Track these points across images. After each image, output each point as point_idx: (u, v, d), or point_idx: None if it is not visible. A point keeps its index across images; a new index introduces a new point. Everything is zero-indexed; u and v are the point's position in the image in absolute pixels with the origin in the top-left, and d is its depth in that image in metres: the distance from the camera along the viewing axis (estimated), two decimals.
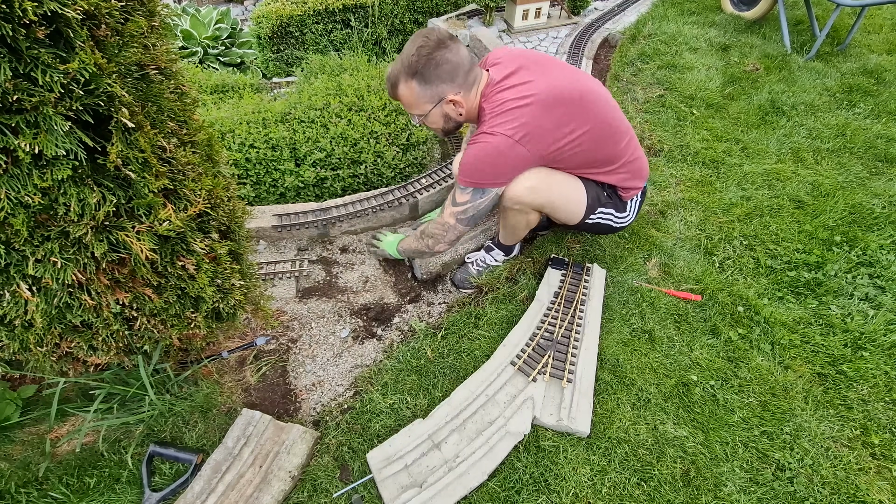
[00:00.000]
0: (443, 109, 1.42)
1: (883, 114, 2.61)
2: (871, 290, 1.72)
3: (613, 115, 1.48)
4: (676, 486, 1.25)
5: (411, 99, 1.40)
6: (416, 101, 1.40)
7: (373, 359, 1.66)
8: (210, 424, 1.40)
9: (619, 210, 1.64)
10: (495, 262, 1.86)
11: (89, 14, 0.80)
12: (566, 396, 1.39)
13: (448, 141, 2.96)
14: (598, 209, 1.59)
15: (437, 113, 1.43)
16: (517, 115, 1.33)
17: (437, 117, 1.45)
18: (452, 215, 1.49)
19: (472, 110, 1.44)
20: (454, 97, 1.38)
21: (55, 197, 0.88)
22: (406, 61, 1.34)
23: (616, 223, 1.67)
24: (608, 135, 1.46)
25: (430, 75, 1.34)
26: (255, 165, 2.10)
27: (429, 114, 1.43)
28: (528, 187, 1.46)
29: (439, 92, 1.37)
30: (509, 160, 1.38)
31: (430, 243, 1.60)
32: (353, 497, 1.25)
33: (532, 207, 1.54)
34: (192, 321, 1.23)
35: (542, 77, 1.37)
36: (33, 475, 1.27)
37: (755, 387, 1.45)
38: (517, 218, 1.61)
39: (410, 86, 1.37)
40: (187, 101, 1.11)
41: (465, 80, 1.37)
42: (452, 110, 1.42)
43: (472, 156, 1.38)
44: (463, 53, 1.36)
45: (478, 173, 1.40)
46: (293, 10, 3.44)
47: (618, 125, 1.49)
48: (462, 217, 1.49)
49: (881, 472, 1.28)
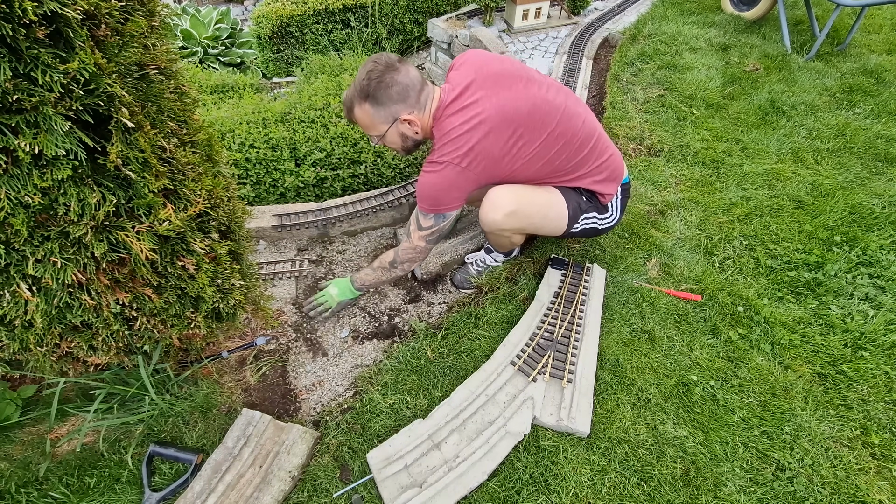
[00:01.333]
0: (398, 129, 1.44)
1: (883, 114, 2.61)
2: (871, 290, 1.72)
3: (570, 122, 1.44)
4: (676, 486, 1.25)
5: (367, 121, 1.43)
6: (372, 123, 1.43)
7: (373, 359, 1.66)
8: (210, 424, 1.40)
9: (601, 212, 1.64)
10: (495, 263, 1.86)
11: (89, 14, 0.80)
12: (566, 396, 1.38)
13: None
14: (580, 217, 1.60)
15: (393, 133, 1.45)
16: (464, 140, 1.35)
17: (394, 137, 1.47)
18: (422, 239, 1.54)
19: (426, 128, 1.46)
20: (408, 116, 1.40)
21: (55, 197, 0.88)
22: (358, 85, 1.38)
23: (602, 224, 1.67)
24: (565, 144, 1.45)
25: (382, 97, 1.37)
26: (255, 165, 2.11)
27: (385, 134, 1.45)
28: (507, 213, 1.48)
29: (392, 112, 1.40)
30: (461, 185, 1.41)
31: (405, 267, 1.64)
32: (353, 497, 1.25)
33: (514, 231, 1.58)
34: (192, 321, 1.23)
35: (492, 95, 1.36)
36: (33, 475, 1.27)
37: (755, 387, 1.45)
38: (500, 240, 1.67)
39: (364, 108, 1.40)
40: (187, 101, 1.12)
41: (416, 99, 1.40)
42: (408, 129, 1.45)
43: (426, 184, 1.42)
44: (413, 74, 1.39)
45: (433, 200, 1.44)
46: (293, 10, 3.44)
47: (577, 131, 1.45)
48: (430, 238, 1.55)
49: (881, 472, 1.28)
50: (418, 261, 1.63)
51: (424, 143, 1.56)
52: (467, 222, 2.08)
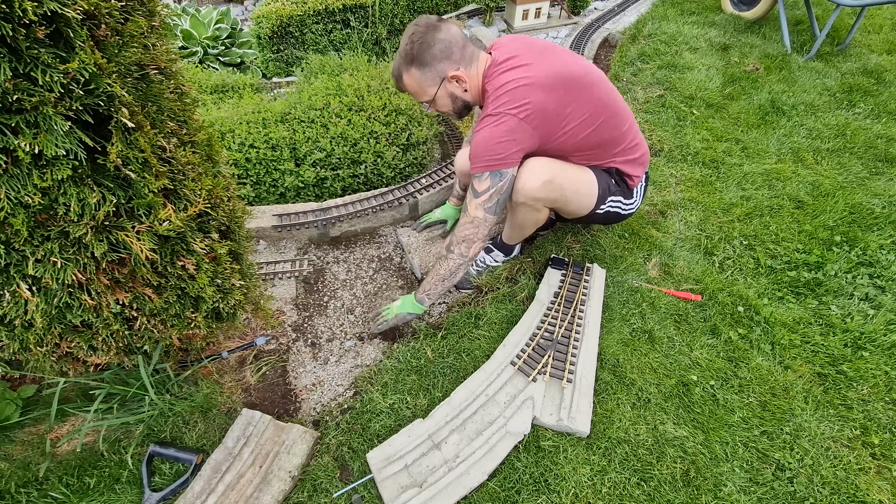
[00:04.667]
0: (447, 89, 1.44)
1: (883, 114, 2.61)
2: (871, 290, 1.72)
3: (613, 97, 1.48)
4: (676, 486, 1.24)
5: (416, 86, 1.44)
6: (421, 87, 1.43)
7: (373, 359, 1.66)
8: (210, 424, 1.40)
9: (627, 197, 1.64)
10: (495, 263, 1.86)
11: (89, 14, 0.80)
12: (566, 396, 1.38)
13: (448, 141, 2.96)
14: (608, 198, 1.59)
15: (443, 94, 1.45)
16: (521, 93, 1.34)
17: (444, 99, 1.47)
18: (479, 207, 1.45)
19: (475, 88, 1.46)
20: (455, 73, 1.40)
21: (55, 197, 0.88)
22: (402, 52, 1.40)
23: (624, 210, 1.67)
24: (609, 116, 1.46)
25: (426, 57, 1.38)
26: (255, 165, 2.11)
27: (435, 97, 1.45)
28: (544, 181, 1.46)
29: (439, 71, 1.40)
30: (518, 138, 1.37)
31: (462, 250, 1.52)
32: (353, 497, 1.25)
33: (546, 203, 1.54)
34: (192, 321, 1.23)
35: (541, 61, 1.39)
36: (33, 475, 1.27)
37: (755, 387, 1.45)
38: (527, 215, 1.60)
39: (412, 73, 1.41)
40: (187, 101, 1.12)
41: (461, 55, 1.40)
42: (457, 87, 1.44)
43: (481, 139, 1.38)
44: (454, 31, 1.40)
45: (490, 154, 1.38)
46: (293, 10, 3.44)
47: (618, 108, 1.49)
48: (489, 205, 1.45)
49: (881, 472, 1.28)
50: (479, 239, 1.50)
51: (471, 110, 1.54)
52: None
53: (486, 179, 1.42)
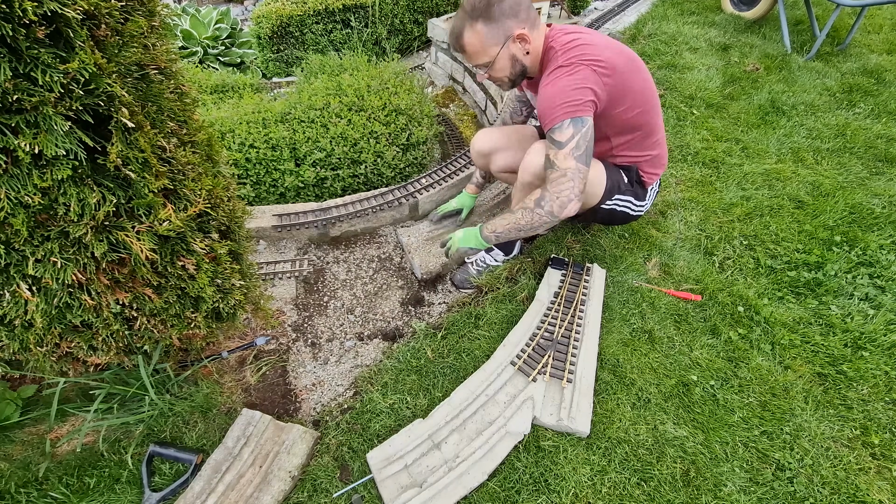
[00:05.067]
0: (510, 50, 1.38)
1: (883, 114, 2.61)
2: (871, 290, 1.72)
3: (654, 89, 1.51)
4: (676, 486, 1.24)
5: (478, 44, 1.37)
6: (483, 46, 1.36)
7: (373, 359, 1.66)
8: (210, 424, 1.40)
9: (639, 198, 1.65)
10: (495, 262, 1.86)
11: (89, 14, 0.80)
12: (566, 396, 1.38)
13: (448, 141, 2.96)
14: (615, 195, 1.58)
15: (504, 56, 1.39)
16: (591, 49, 1.34)
17: (504, 61, 1.40)
18: (568, 156, 1.33)
19: (536, 53, 1.42)
20: (521, 32, 1.34)
21: (55, 197, 0.88)
22: (468, 6, 1.34)
23: (634, 211, 1.67)
24: (654, 104, 1.49)
25: (495, 12, 1.32)
26: (255, 165, 2.11)
27: (496, 58, 1.38)
28: None
29: (505, 29, 1.34)
30: (594, 85, 1.32)
31: (555, 209, 1.38)
32: (353, 497, 1.25)
33: None
34: (192, 321, 1.23)
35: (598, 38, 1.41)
36: (33, 475, 1.27)
37: (755, 387, 1.45)
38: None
39: (476, 29, 1.34)
40: (187, 101, 1.11)
41: (527, 15, 1.35)
42: (519, 49, 1.39)
43: (555, 89, 1.33)
44: None
45: (567, 101, 1.31)
46: (293, 10, 3.44)
47: (657, 101, 1.52)
48: (578, 153, 1.33)
49: (881, 472, 1.27)
50: (574, 196, 1.37)
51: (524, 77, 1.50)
52: (468, 224, 2.07)
53: (568, 127, 1.32)
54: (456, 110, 3.32)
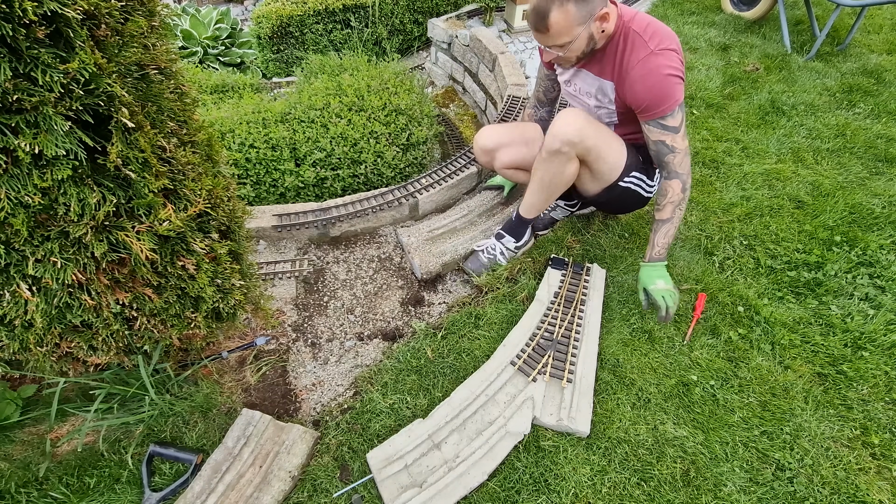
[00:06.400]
0: (590, 29, 1.37)
1: (883, 114, 2.61)
2: (871, 290, 1.72)
3: None
4: (676, 486, 1.25)
5: (565, 24, 1.34)
6: (569, 26, 1.34)
7: (373, 359, 1.66)
8: (210, 424, 1.40)
9: (650, 177, 1.66)
10: (505, 249, 1.84)
11: (89, 14, 0.80)
12: (566, 396, 1.38)
13: (448, 141, 2.96)
14: (633, 171, 1.61)
15: (584, 36, 1.38)
16: (667, 33, 1.40)
17: (582, 41, 1.39)
18: (684, 138, 1.47)
19: (609, 29, 1.42)
20: (605, 10, 1.35)
21: (55, 197, 0.88)
22: None
23: (645, 192, 1.68)
24: None
25: None
26: (255, 165, 2.11)
27: (577, 38, 1.37)
28: (579, 127, 1.49)
29: (592, 8, 1.33)
30: (681, 71, 1.41)
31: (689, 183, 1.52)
32: (353, 497, 1.25)
33: (579, 151, 1.52)
34: (192, 321, 1.23)
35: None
36: (33, 475, 1.27)
37: (755, 387, 1.45)
38: (558, 168, 1.57)
39: (567, 9, 1.31)
40: (187, 101, 1.12)
41: None
42: (597, 28, 1.38)
43: (662, 77, 1.39)
44: None
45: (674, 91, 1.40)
46: (293, 10, 3.44)
47: None
48: (686, 135, 1.49)
49: (881, 472, 1.28)
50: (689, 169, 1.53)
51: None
52: (466, 222, 2.07)
53: (678, 112, 1.43)
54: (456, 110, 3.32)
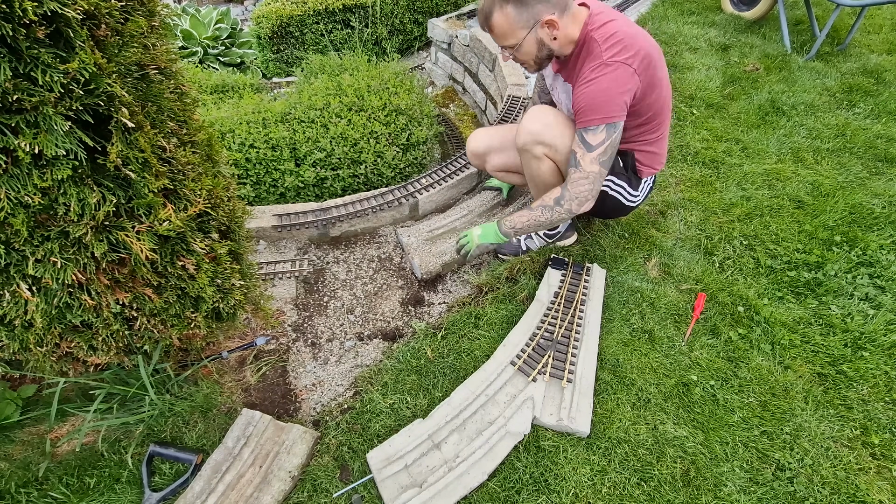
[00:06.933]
0: (537, 35, 1.37)
1: (883, 114, 2.61)
2: (871, 290, 1.72)
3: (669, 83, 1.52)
4: (676, 486, 1.24)
5: (506, 27, 1.36)
6: (511, 29, 1.36)
7: (373, 359, 1.66)
8: (210, 424, 1.40)
9: (633, 186, 1.62)
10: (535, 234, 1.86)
11: (89, 14, 0.80)
12: (566, 396, 1.38)
13: (448, 141, 2.96)
14: (608, 176, 1.58)
15: (531, 40, 1.38)
16: (631, 43, 1.33)
17: (530, 45, 1.39)
18: (594, 161, 1.41)
19: (565, 39, 1.39)
20: (550, 17, 1.33)
21: (55, 197, 0.88)
22: None
23: (626, 200, 1.65)
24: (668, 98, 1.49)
25: None
26: (255, 165, 2.11)
27: (523, 41, 1.38)
28: (541, 125, 1.49)
29: (535, 14, 1.33)
30: (631, 88, 1.35)
31: (574, 207, 1.48)
32: (353, 497, 1.25)
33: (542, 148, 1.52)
34: (192, 321, 1.23)
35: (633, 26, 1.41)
36: (33, 475, 1.27)
37: (755, 387, 1.45)
38: (534, 165, 1.58)
39: (506, 11, 1.33)
40: (187, 101, 1.12)
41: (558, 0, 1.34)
42: (547, 35, 1.37)
43: (595, 91, 1.35)
44: None
45: (604, 107, 1.35)
46: (293, 10, 3.44)
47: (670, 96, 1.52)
48: (604, 159, 1.41)
49: (881, 472, 1.28)
50: (591, 197, 1.47)
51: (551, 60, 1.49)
52: (466, 222, 2.07)
53: (602, 132, 1.37)
54: (456, 110, 3.32)
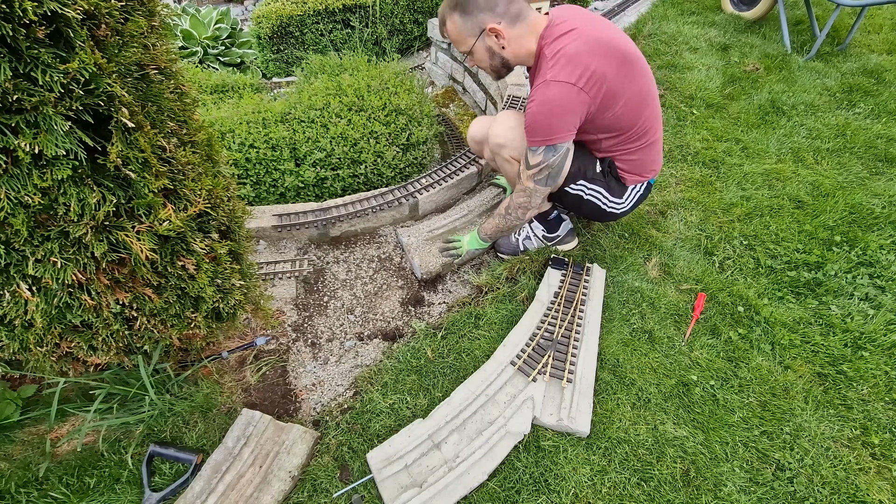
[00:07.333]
0: (485, 42, 1.40)
1: (883, 114, 2.61)
2: (871, 290, 1.72)
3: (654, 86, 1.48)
4: (676, 486, 1.24)
5: (456, 34, 1.42)
6: (461, 36, 1.41)
7: (373, 359, 1.66)
8: (210, 424, 1.40)
9: (613, 193, 1.58)
10: (534, 236, 1.87)
11: (89, 14, 0.80)
12: (566, 396, 1.38)
13: (448, 141, 2.96)
14: (579, 180, 1.55)
15: (480, 48, 1.42)
16: (581, 60, 1.29)
17: (481, 52, 1.43)
18: (530, 178, 1.46)
19: (520, 48, 1.41)
20: (494, 26, 1.35)
21: (55, 197, 0.88)
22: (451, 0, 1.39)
23: (607, 207, 1.61)
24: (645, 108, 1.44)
25: (469, 5, 1.35)
26: (255, 165, 2.11)
27: (473, 48, 1.42)
28: (509, 127, 1.53)
29: (479, 22, 1.36)
30: (575, 108, 1.33)
31: (520, 215, 1.58)
32: (353, 497, 1.25)
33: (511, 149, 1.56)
34: (192, 321, 1.23)
35: (593, 29, 1.36)
36: (33, 475, 1.27)
37: (755, 387, 1.45)
38: (506, 167, 1.65)
39: (454, 19, 1.38)
40: (187, 101, 1.12)
41: (506, 10, 1.36)
42: (495, 43, 1.40)
43: (537, 111, 1.34)
44: None
45: (545, 128, 1.35)
46: (293, 10, 3.44)
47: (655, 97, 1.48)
48: (539, 178, 1.45)
49: (881, 472, 1.28)
50: (533, 207, 1.55)
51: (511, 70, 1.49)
52: (466, 221, 2.07)
53: (540, 154, 1.41)
54: (456, 110, 3.31)
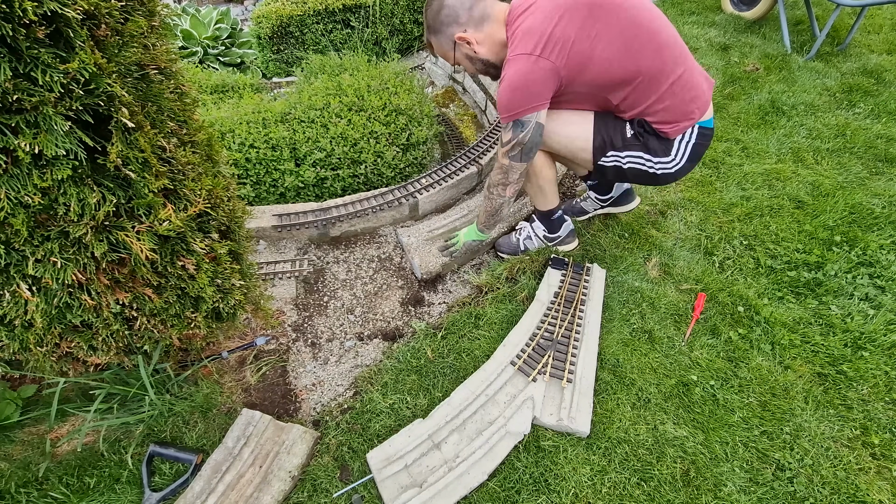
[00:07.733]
0: (461, 51, 1.48)
1: (883, 114, 2.61)
2: (871, 290, 1.72)
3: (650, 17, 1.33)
4: (676, 486, 1.24)
5: (440, 52, 1.52)
6: (442, 52, 1.51)
7: (373, 359, 1.66)
8: (210, 424, 1.40)
9: (658, 154, 1.45)
10: (535, 237, 1.88)
11: (89, 14, 0.80)
12: (566, 396, 1.38)
13: (448, 141, 2.96)
14: (609, 152, 1.48)
15: (460, 56, 1.50)
16: (537, 30, 1.30)
17: (463, 60, 1.52)
18: (504, 155, 1.49)
19: (493, 45, 1.45)
20: (461, 34, 1.42)
21: (55, 197, 0.88)
22: (425, 24, 1.49)
23: (655, 169, 1.49)
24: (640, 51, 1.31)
25: (437, 24, 1.44)
26: (255, 165, 2.11)
27: (456, 59, 1.51)
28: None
29: (449, 35, 1.45)
30: (537, 77, 1.32)
31: (500, 191, 1.60)
32: (353, 497, 1.25)
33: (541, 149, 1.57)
34: (192, 321, 1.23)
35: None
36: (33, 475, 1.27)
37: (755, 387, 1.45)
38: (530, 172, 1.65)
39: (432, 41, 1.50)
40: (187, 101, 1.12)
41: (469, 16, 1.42)
42: (468, 49, 1.46)
43: (503, 88, 1.37)
44: None
45: (511, 104, 1.37)
46: (293, 10, 3.44)
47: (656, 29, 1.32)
48: (513, 154, 1.46)
49: (881, 472, 1.28)
50: (511, 183, 1.56)
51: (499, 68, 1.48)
52: (466, 222, 2.07)
53: (509, 130, 1.43)
54: (456, 110, 3.31)
